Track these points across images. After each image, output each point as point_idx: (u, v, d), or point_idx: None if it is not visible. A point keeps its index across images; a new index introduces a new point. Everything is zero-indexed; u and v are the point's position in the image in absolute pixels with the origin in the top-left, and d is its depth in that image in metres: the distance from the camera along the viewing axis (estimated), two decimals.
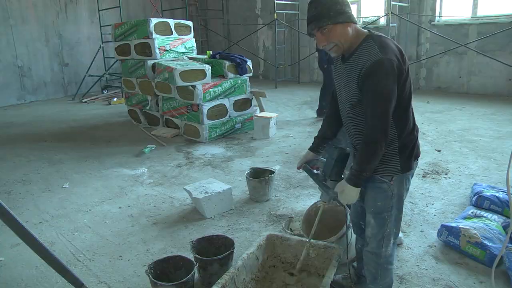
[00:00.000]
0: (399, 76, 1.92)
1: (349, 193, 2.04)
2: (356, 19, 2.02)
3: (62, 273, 1.65)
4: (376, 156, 1.96)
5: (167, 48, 7.11)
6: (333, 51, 2.04)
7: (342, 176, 2.18)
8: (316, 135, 2.49)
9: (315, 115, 7.79)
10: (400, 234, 3.18)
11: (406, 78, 1.97)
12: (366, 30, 2.04)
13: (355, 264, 2.75)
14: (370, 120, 1.93)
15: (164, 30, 7.08)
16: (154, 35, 6.89)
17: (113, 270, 3.02)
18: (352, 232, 2.68)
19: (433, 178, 4.53)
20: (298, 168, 2.45)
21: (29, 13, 10.58)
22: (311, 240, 2.57)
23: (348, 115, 2.13)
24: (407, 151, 2.11)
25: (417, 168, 2.30)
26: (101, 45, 11.22)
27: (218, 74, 6.66)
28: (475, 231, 2.98)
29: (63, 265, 1.64)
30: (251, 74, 6.95)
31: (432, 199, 3.99)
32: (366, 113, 1.95)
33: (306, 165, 2.37)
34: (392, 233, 2.21)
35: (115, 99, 10.31)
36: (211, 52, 7.39)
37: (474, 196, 3.64)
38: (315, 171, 2.35)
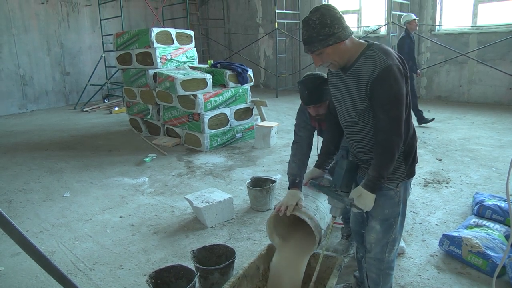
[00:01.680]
0: (406, 81, 1.96)
1: (367, 199, 2.02)
2: (350, 31, 2.00)
3: (62, 282, 1.64)
4: (393, 161, 1.98)
5: (169, 57, 7.14)
6: (331, 67, 2.07)
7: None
8: (319, 152, 2.47)
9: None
10: (402, 243, 3.17)
11: (407, 85, 1.99)
12: (363, 41, 2.05)
13: (356, 273, 2.73)
14: (386, 125, 1.93)
15: (166, 39, 7.12)
16: (156, 45, 6.92)
17: (113, 280, 3.00)
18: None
19: (435, 187, 4.52)
20: (305, 185, 2.41)
21: (31, 22, 10.65)
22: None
23: (354, 123, 2.11)
24: (411, 157, 2.13)
25: (418, 177, 2.29)
26: (103, 54, 11.28)
27: (219, 83, 6.69)
28: (477, 241, 2.97)
29: (64, 274, 1.63)
30: (252, 83, 6.97)
31: (433, 208, 3.98)
32: (379, 119, 1.95)
33: (313, 181, 2.34)
34: (397, 238, 2.21)
35: (116, 108, 10.33)
36: (212, 61, 7.42)
37: (475, 205, 3.63)
38: None
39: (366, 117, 2.03)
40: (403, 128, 2.00)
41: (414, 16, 7.37)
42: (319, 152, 2.48)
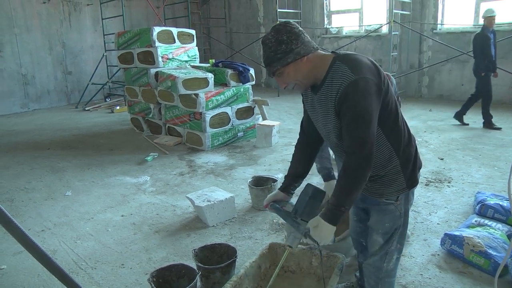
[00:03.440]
0: (378, 93, 1.76)
1: (323, 230, 1.81)
2: (313, 45, 1.85)
3: (64, 281, 1.65)
4: (358, 187, 1.78)
5: (170, 56, 7.14)
6: (297, 89, 1.93)
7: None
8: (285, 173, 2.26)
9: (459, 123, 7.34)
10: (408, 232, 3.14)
11: (386, 92, 1.82)
12: (330, 52, 1.89)
13: (357, 273, 2.73)
14: (350, 146, 1.76)
15: (167, 38, 7.12)
16: (157, 44, 6.92)
17: (115, 278, 3.01)
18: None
19: (436, 187, 4.51)
20: (265, 206, 2.16)
21: (33, 22, 10.66)
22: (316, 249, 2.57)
23: (337, 146, 1.96)
24: (410, 165, 1.99)
25: (420, 176, 2.22)
26: (104, 54, 11.28)
27: (220, 82, 6.68)
28: (479, 240, 2.96)
29: (65, 273, 1.63)
30: (253, 83, 6.97)
31: (435, 208, 3.97)
32: (345, 138, 1.78)
33: (274, 204, 2.11)
34: (396, 249, 2.12)
35: (118, 107, 10.34)
36: (213, 61, 7.42)
37: (477, 204, 3.62)
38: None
39: None
40: (386, 141, 1.89)
41: (493, 12, 6.91)
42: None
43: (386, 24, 10.25)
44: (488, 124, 7.10)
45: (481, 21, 9.16)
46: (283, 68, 1.83)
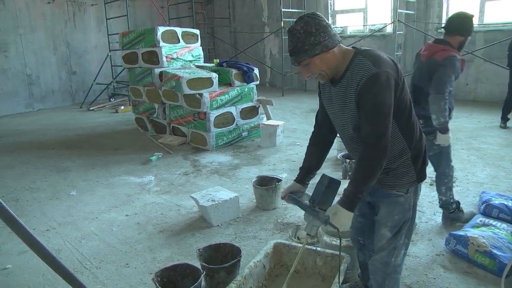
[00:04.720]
0: (396, 88, 1.85)
1: (342, 217, 1.87)
2: (338, 38, 1.91)
3: (69, 280, 1.65)
4: (374, 175, 1.86)
5: (174, 56, 7.15)
6: (319, 79, 1.99)
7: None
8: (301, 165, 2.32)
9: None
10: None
11: (402, 88, 1.91)
12: (351, 48, 1.97)
13: (360, 274, 2.72)
14: (368, 137, 1.84)
15: (171, 38, 7.13)
16: (161, 44, 6.93)
17: (119, 278, 3.02)
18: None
19: None
20: (283, 198, 2.24)
21: (38, 22, 10.71)
22: (318, 249, 2.56)
23: (352, 138, 2.04)
24: (420, 159, 2.06)
25: None
26: (109, 54, 11.32)
27: (225, 82, 6.69)
28: (484, 240, 2.95)
29: (70, 272, 1.64)
30: (258, 82, 6.97)
31: (439, 208, 3.95)
32: (364, 129, 1.87)
33: (291, 195, 2.19)
34: (404, 243, 2.14)
35: (122, 107, 10.36)
36: (218, 60, 7.42)
37: (482, 204, 3.61)
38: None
39: None
40: (399, 135, 1.95)
41: None
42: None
43: (391, 23, 10.23)
44: (503, 120, 7.03)
45: (486, 21, 9.19)
46: (309, 59, 1.88)
